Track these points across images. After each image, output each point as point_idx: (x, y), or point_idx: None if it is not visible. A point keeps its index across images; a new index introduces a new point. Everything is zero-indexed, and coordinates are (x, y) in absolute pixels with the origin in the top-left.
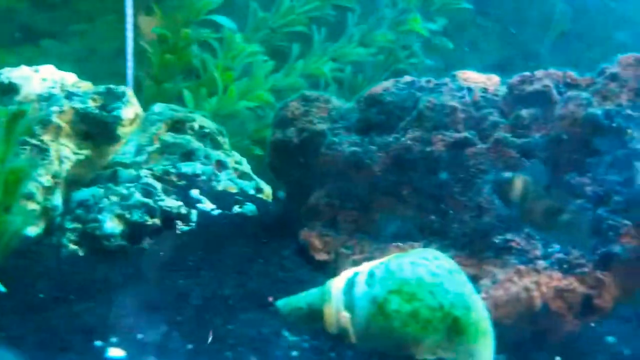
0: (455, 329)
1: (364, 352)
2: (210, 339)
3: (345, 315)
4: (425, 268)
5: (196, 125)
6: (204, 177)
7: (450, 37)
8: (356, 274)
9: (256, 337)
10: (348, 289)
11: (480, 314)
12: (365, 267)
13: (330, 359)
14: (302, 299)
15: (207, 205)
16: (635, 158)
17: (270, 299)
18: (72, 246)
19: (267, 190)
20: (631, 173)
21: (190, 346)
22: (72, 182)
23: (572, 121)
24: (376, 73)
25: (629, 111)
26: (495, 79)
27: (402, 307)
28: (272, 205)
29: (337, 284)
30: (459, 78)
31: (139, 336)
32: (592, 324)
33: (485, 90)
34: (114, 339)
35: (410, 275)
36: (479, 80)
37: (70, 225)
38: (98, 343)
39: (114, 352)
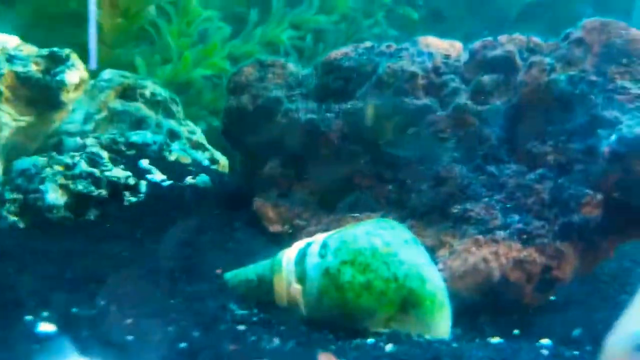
0: (410, 301)
1: (315, 324)
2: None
3: (297, 287)
4: (381, 238)
5: (147, 93)
6: (154, 147)
7: (416, 7)
8: (309, 244)
9: (201, 310)
10: (300, 260)
11: (437, 286)
12: (318, 237)
13: (279, 332)
14: (251, 270)
15: (157, 176)
16: (599, 125)
17: (218, 271)
18: (12, 217)
19: (224, 161)
20: (594, 141)
21: (129, 320)
22: (13, 151)
23: (534, 87)
24: (338, 42)
25: (593, 77)
26: (457, 45)
27: (355, 278)
28: (228, 176)
29: (288, 255)
30: (420, 43)
31: (74, 310)
32: (553, 298)
33: (447, 56)
34: (45, 314)
35: (365, 245)
36: (441, 46)
37: (9, 195)
38: (28, 318)
39: (45, 327)
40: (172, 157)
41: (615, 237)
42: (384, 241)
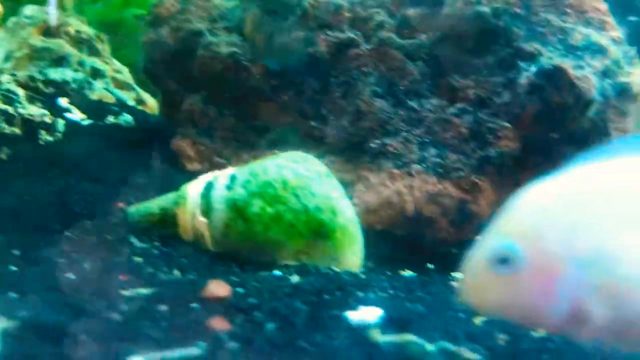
0: (320, 234)
1: (222, 257)
2: None
3: (202, 219)
4: (292, 170)
5: (71, 30)
6: (74, 85)
7: None
8: (216, 177)
9: (96, 243)
10: (206, 193)
11: (349, 219)
12: (228, 171)
13: (180, 265)
14: (154, 204)
15: (76, 115)
16: (520, 58)
17: (121, 204)
18: None
19: (152, 102)
20: (515, 74)
21: (17, 252)
22: None
23: (458, 20)
24: None
25: (517, 9)
26: None
27: (264, 210)
28: (154, 117)
29: (194, 188)
30: None
31: None
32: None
33: None
34: None
35: (275, 177)
36: None
37: None
38: None
39: None
40: (94, 96)
41: (533, 170)
42: (295, 174)
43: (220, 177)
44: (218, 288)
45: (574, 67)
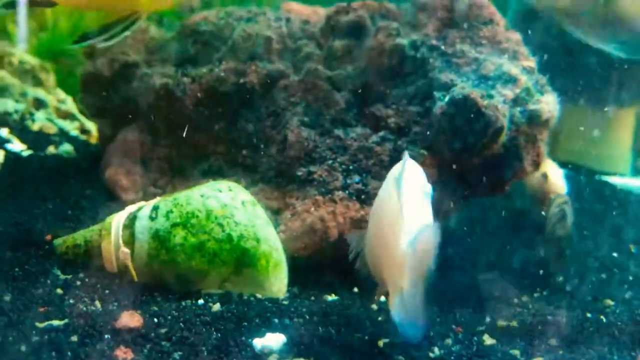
0: (244, 262)
1: (144, 288)
2: None
3: (125, 250)
4: (217, 200)
5: (15, 60)
6: (16, 116)
7: None
8: (140, 208)
9: (20, 276)
10: (129, 224)
11: (272, 246)
12: (153, 201)
13: (102, 296)
14: (80, 235)
15: (16, 145)
16: (436, 88)
17: (48, 237)
18: None
19: (95, 131)
20: (430, 104)
21: None
22: None
23: (380, 52)
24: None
25: (434, 41)
26: (321, 11)
27: (187, 240)
28: (95, 146)
29: (118, 219)
30: (282, 9)
31: None
32: None
33: (306, 21)
34: None
35: (199, 207)
36: (304, 12)
37: None
38: None
39: None
40: (36, 127)
41: (450, 194)
42: (220, 203)
43: (144, 208)
44: (131, 319)
45: (484, 96)
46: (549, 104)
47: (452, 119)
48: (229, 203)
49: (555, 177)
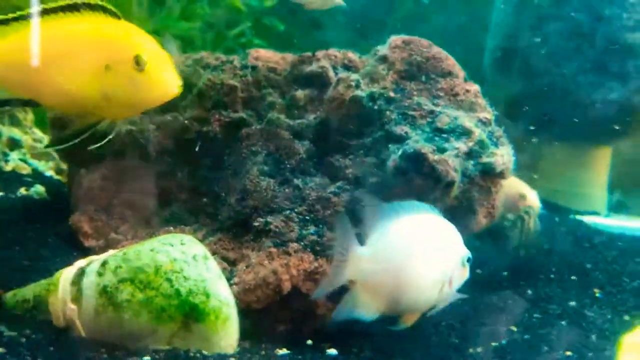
0: (192, 317)
1: (91, 344)
2: None
3: (72, 307)
4: (167, 254)
5: None
6: None
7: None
8: (90, 262)
9: None
10: (77, 279)
11: (223, 301)
12: (103, 255)
13: (46, 353)
14: (29, 290)
15: None
16: (391, 140)
17: (1, 291)
18: None
19: None
20: (385, 156)
21: None
22: None
23: (339, 103)
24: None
25: (391, 93)
26: (289, 57)
27: (134, 296)
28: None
29: (66, 274)
30: (250, 56)
31: None
32: None
33: (273, 69)
34: None
35: (148, 262)
36: (272, 59)
37: None
38: None
39: None
40: (9, 167)
41: None
42: (169, 257)
43: (93, 263)
44: None
45: (434, 151)
46: (503, 156)
47: (404, 172)
48: (179, 257)
49: (531, 196)
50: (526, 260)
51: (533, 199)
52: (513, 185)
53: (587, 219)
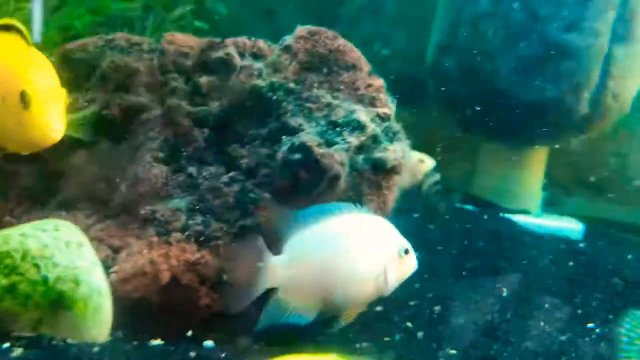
0: (60, 305)
1: None
2: None
3: None
4: (37, 240)
5: None
6: None
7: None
8: None
9: None
10: None
11: (95, 289)
12: None
13: None
14: None
15: None
16: (285, 132)
17: None
18: None
19: None
20: (278, 148)
21: None
22: None
23: (240, 92)
24: (145, 33)
25: (292, 85)
26: (205, 42)
27: None
28: None
29: None
30: (164, 40)
31: None
32: None
33: (184, 54)
34: None
35: (16, 247)
36: (187, 43)
37: None
38: None
39: None
40: None
41: None
42: (40, 243)
43: None
44: None
45: (320, 144)
46: (396, 151)
47: (290, 165)
48: (50, 244)
49: (428, 161)
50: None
51: (430, 163)
52: (412, 154)
53: (517, 218)
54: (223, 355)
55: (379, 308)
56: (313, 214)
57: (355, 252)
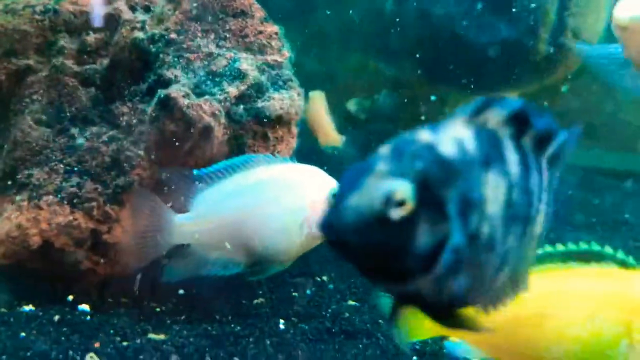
0: None
1: None
2: None
3: None
4: None
5: None
6: None
7: None
8: None
9: None
10: None
11: None
12: None
13: None
14: None
15: None
16: (161, 85)
17: None
18: None
19: None
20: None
21: None
22: None
23: (122, 46)
24: None
25: (173, 35)
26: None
27: None
28: None
29: None
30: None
31: None
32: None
33: (79, 13)
34: None
35: None
36: (85, 2)
37: None
38: None
39: None
40: None
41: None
42: None
43: None
44: None
45: (187, 95)
46: (283, 100)
47: (158, 119)
48: None
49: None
50: None
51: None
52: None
53: None
54: (88, 318)
55: None
56: (219, 170)
57: (271, 201)
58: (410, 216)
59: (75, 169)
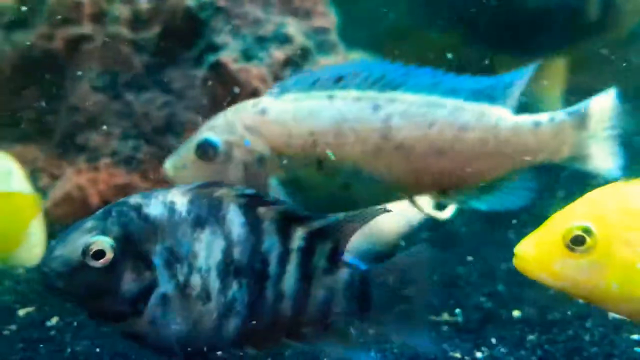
0: None
1: None
2: None
3: None
4: None
5: None
6: None
7: None
8: None
9: None
10: None
11: None
12: None
13: None
14: None
15: None
16: (211, 51)
17: None
18: None
19: None
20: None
21: None
22: None
23: (173, 13)
24: None
25: (222, 2)
26: None
27: None
28: None
29: None
30: None
31: None
32: None
33: None
34: None
35: None
36: None
37: None
38: None
39: None
40: None
41: None
42: None
43: None
44: None
45: (236, 59)
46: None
47: (209, 83)
48: None
49: None
50: None
51: None
52: None
53: None
54: None
55: None
56: None
57: None
58: (110, 265)
59: (131, 132)
